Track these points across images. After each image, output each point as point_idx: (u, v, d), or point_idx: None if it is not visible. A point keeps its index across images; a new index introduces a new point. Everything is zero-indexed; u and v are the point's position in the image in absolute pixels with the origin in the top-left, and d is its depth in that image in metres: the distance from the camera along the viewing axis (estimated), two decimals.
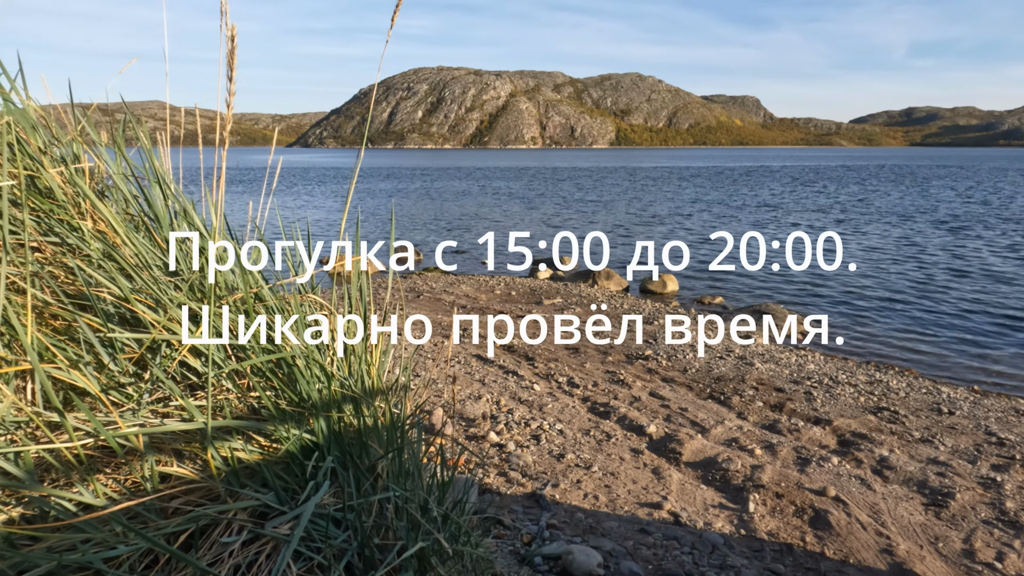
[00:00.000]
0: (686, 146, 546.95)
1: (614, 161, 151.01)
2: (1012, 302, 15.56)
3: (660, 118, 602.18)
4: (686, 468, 5.75)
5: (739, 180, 71.24)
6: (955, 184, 64.21)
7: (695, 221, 32.36)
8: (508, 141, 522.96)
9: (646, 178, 75.55)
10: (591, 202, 43.51)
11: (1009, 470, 6.22)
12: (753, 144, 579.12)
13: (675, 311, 13.78)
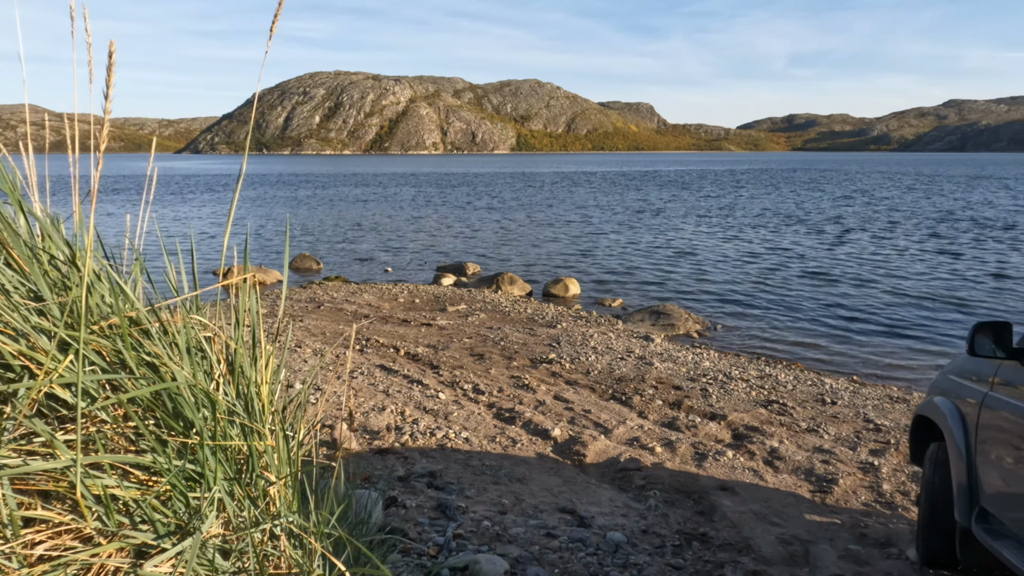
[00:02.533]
0: (585, 151, 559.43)
1: (516, 166, 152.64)
2: (886, 297, 16.73)
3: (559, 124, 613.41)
4: (591, 469, 5.85)
5: (634, 185, 73.45)
6: (829, 188, 68.50)
7: (595, 225, 33.10)
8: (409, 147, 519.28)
9: (547, 183, 76.72)
10: (494, 208, 43.78)
11: (885, 454, 6.67)
12: (648, 149, 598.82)
13: (577, 314, 14.03)
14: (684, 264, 21.50)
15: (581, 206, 44.54)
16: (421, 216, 37.81)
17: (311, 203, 47.82)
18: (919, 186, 68.02)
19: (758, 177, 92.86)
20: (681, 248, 25.09)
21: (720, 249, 24.88)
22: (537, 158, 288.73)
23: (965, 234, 29.00)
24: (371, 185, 72.16)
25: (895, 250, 24.31)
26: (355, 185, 72.25)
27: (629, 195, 55.53)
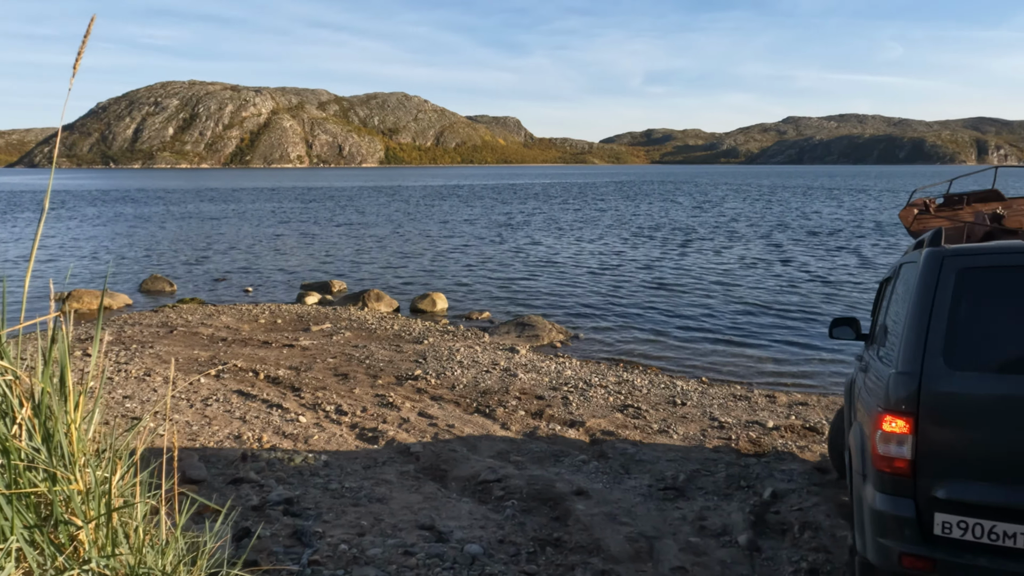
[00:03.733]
0: (455, 164, 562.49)
1: (384, 180, 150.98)
2: (730, 303, 17.95)
3: (428, 137, 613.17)
4: (452, 484, 5.93)
5: (501, 198, 74.66)
6: (683, 199, 72.66)
7: (463, 239, 33.37)
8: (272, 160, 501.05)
9: (415, 197, 76.47)
10: (361, 224, 43.14)
11: (724, 451, 7.19)
12: (516, 162, 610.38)
13: (445, 329, 14.11)
14: (548, 275, 22.11)
15: (449, 220, 44.75)
16: (284, 233, 36.63)
17: (163, 220, 45.13)
18: (761, 197, 73.50)
19: (619, 189, 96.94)
20: (545, 260, 25.79)
21: (582, 260, 25.79)
22: (406, 171, 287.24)
23: (797, 242, 31.63)
24: (230, 201, 69.04)
25: (737, 258, 26.17)
26: (213, 201, 68.87)
27: (496, 208, 56.38)
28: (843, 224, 39.87)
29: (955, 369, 3.43)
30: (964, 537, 3.32)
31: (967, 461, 3.37)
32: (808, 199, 68.05)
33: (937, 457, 3.41)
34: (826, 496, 5.95)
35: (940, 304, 3.54)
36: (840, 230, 36.24)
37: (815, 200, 66.20)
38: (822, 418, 8.84)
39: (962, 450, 3.39)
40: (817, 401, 9.92)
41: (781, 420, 8.63)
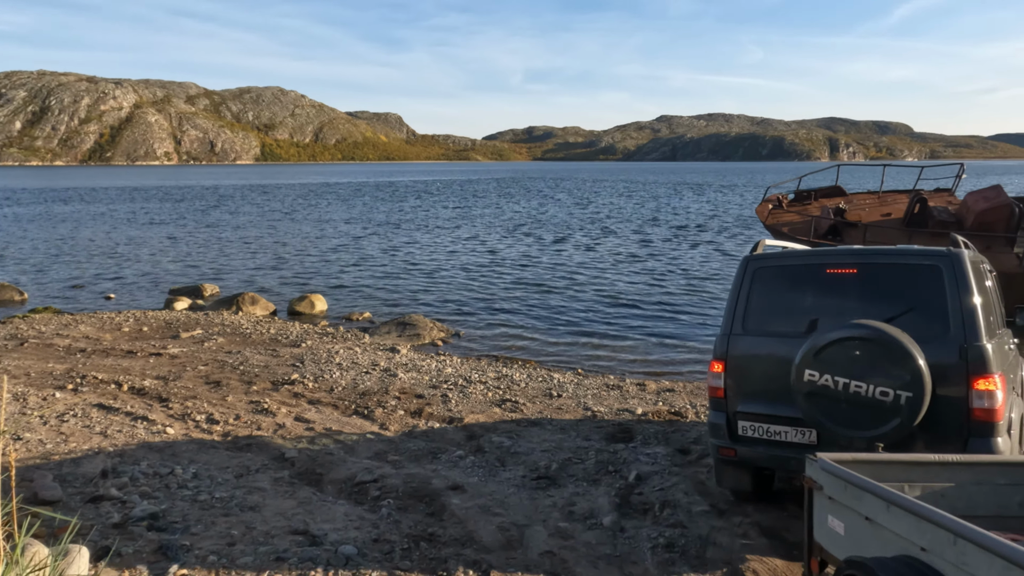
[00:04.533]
0: (335, 161, 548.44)
1: (259, 178, 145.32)
2: (607, 295, 18.67)
3: (306, 133, 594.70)
4: (328, 487, 5.92)
5: (382, 195, 73.80)
6: (563, 196, 74.46)
7: (342, 238, 32.78)
8: (137, 157, 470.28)
9: (292, 195, 74.21)
10: (234, 224, 41.47)
11: (594, 438, 7.56)
12: (399, 159, 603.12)
13: (324, 331, 13.88)
14: (429, 274, 22.15)
15: (327, 219, 43.79)
16: (149, 235, 34.65)
17: (10, 223, 41.54)
18: (635, 193, 76.51)
19: (501, 187, 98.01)
20: (427, 258, 25.81)
21: (463, 258, 25.99)
22: (283, 169, 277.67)
23: (666, 238, 33.24)
24: (89, 201, 64.42)
25: (610, 253, 27.24)
26: (68, 201, 64.01)
27: (377, 207, 55.69)
28: (708, 219, 42.22)
29: (747, 333, 5.34)
30: (753, 435, 5.18)
31: (752, 389, 5.25)
32: (678, 195, 71.48)
33: (736, 387, 5.32)
34: (686, 475, 6.40)
35: (743, 291, 5.43)
36: (705, 225, 38.37)
37: (684, 196, 69.62)
38: (687, 403, 9.42)
39: (749, 382, 5.27)
40: (683, 387, 10.54)
41: (649, 407, 9.13)
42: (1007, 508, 3.71)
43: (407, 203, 59.92)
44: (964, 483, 3.74)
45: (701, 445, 7.42)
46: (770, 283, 5.35)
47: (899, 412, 4.47)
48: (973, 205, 16.53)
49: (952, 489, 3.71)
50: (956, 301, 4.70)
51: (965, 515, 3.30)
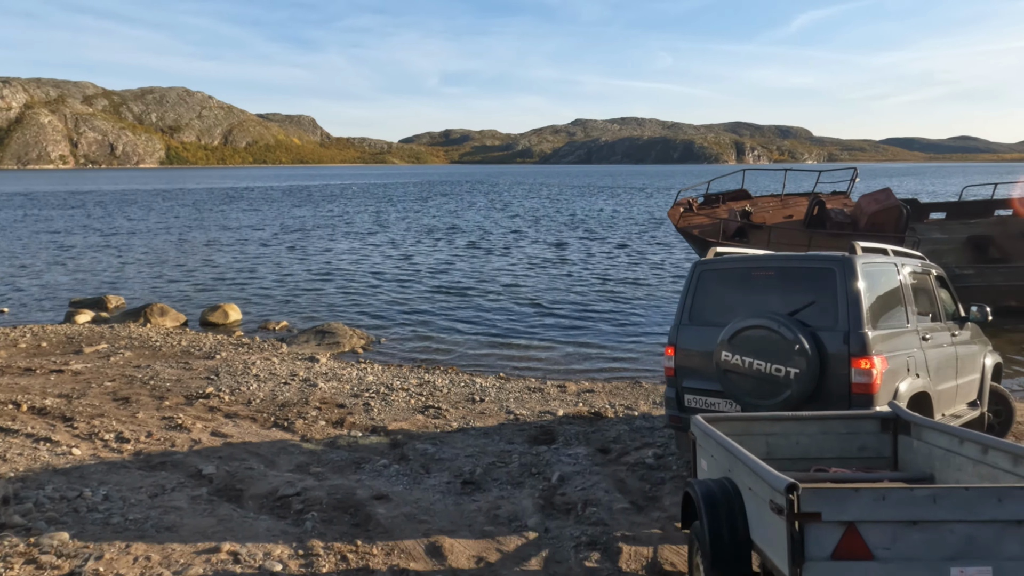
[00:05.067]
0: (245, 164, 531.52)
1: (164, 182, 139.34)
2: (526, 299, 18.89)
3: (215, 136, 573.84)
4: (249, 503, 5.81)
5: (296, 200, 72.18)
6: (479, 198, 74.74)
7: (255, 245, 31.91)
8: (28, 160, 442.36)
9: (200, 200, 71.62)
10: (139, 232, 39.71)
11: (517, 441, 7.68)
12: (313, 162, 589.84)
13: (239, 341, 13.51)
14: (348, 281, 21.85)
15: (239, 225, 42.51)
16: (44, 244, 32.75)
17: None
18: (551, 196, 77.59)
19: (418, 190, 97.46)
20: (344, 265, 25.44)
21: (382, 264, 25.77)
22: (190, 172, 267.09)
23: (582, 241, 33.89)
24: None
25: (527, 257, 27.61)
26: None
27: (290, 212, 54.42)
28: (622, 222, 43.29)
29: (692, 324, 6.53)
30: (695, 406, 6.34)
31: (694, 368, 6.42)
32: (594, 198, 72.91)
33: (683, 367, 6.52)
34: (606, 474, 6.60)
35: (691, 289, 6.60)
36: (619, 228, 39.32)
37: (599, 199, 71.10)
38: (606, 403, 9.68)
39: (692, 363, 6.44)
40: (602, 388, 10.82)
41: (570, 408, 9.33)
42: (848, 451, 4.89)
43: (322, 208, 58.78)
44: (814, 433, 4.87)
45: (621, 444, 7.66)
46: (711, 283, 6.54)
47: (790, 385, 5.64)
48: (866, 207, 17.63)
49: (805, 438, 4.85)
50: (844, 297, 5.72)
51: (817, 457, 4.76)
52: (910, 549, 3.12)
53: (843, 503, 3.14)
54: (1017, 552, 3.08)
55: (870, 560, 3.11)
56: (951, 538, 3.10)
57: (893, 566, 3.10)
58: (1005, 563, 3.07)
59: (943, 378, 6.51)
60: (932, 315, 6.76)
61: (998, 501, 3.10)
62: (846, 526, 3.12)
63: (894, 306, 6.16)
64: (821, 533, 3.13)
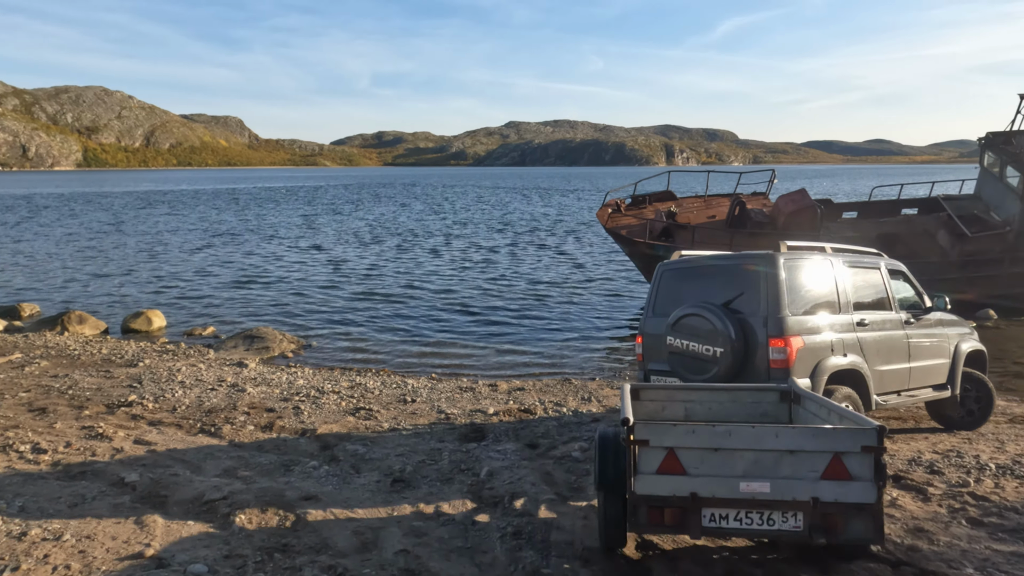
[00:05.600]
0: (169, 167, 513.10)
1: (81, 185, 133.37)
2: (457, 300, 18.99)
3: (136, 137, 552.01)
4: (174, 509, 5.74)
5: (221, 203, 70.33)
6: (412, 201, 74.37)
7: (179, 249, 31.01)
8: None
9: (120, 204, 68.99)
10: (55, 237, 38.03)
11: (448, 439, 7.80)
12: (241, 164, 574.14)
13: (164, 348, 13.18)
14: (277, 285, 21.51)
15: (162, 229, 41.21)
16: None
17: None
18: (485, 199, 77.83)
19: (349, 193, 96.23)
20: (273, 268, 25.02)
21: (311, 267, 25.45)
22: (109, 175, 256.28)
23: (514, 243, 34.22)
24: None
25: (459, 259, 27.74)
26: None
27: (217, 215, 53.00)
28: (553, 224, 43.83)
29: (655, 316, 7.58)
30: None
31: (656, 353, 7.48)
32: (526, 200, 73.49)
33: (648, 352, 7.61)
34: (533, 468, 6.79)
35: (655, 286, 7.73)
36: (551, 230, 39.82)
37: (530, 201, 71.72)
38: (536, 400, 9.89)
39: (654, 348, 7.50)
40: (533, 385, 11.03)
41: (501, 406, 9.49)
42: (752, 416, 5.90)
43: (250, 211, 57.43)
44: (724, 401, 5.91)
45: (549, 439, 7.86)
46: (670, 280, 7.61)
47: (716, 363, 6.75)
48: (783, 207, 18.43)
49: (717, 404, 5.89)
50: (765, 288, 6.75)
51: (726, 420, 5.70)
52: (712, 468, 4.31)
53: (664, 434, 4.36)
54: (789, 473, 4.27)
55: (683, 475, 4.34)
56: (741, 462, 4.29)
57: (699, 480, 4.33)
58: (779, 481, 4.26)
59: (888, 360, 7.36)
60: (878, 305, 7.54)
61: (775, 436, 4.27)
62: (667, 450, 4.36)
63: (822, 296, 7.02)
64: (649, 455, 4.37)
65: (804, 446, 4.22)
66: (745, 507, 4.27)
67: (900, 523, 5.33)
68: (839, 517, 4.17)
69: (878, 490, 4.13)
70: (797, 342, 6.56)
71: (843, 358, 6.88)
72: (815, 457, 4.21)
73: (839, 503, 4.16)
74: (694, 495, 4.30)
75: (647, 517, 4.38)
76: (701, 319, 6.80)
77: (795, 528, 4.24)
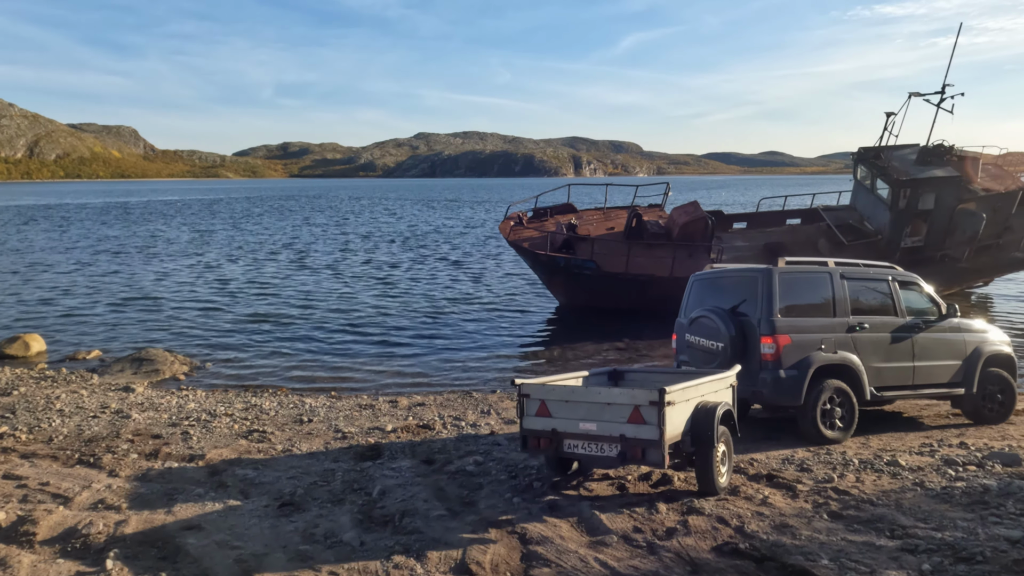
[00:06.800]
0: (56, 179, 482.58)
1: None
2: (359, 316, 18.78)
3: (17, 147, 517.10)
4: (41, 547, 5.45)
5: (108, 219, 66.91)
6: (315, 215, 72.94)
7: (59, 270, 29.28)
8: None
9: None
10: None
11: (343, 459, 7.72)
12: (136, 176, 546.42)
13: (42, 375, 12.44)
14: (168, 304, 20.66)
15: (43, 247, 38.80)
16: None
17: None
18: (391, 212, 77.16)
19: (251, 206, 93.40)
20: (164, 287, 24.02)
21: (204, 285, 24.57)
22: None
23: (417, 260, 34.10)
24: None
25: (359, 273, 27.51)
26: None
27: (103, 231, 50.34)
28: (456, 236, 43.98)
29: (685, 317, 9.04)
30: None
31: (684, 348, 9.02)
32: (431, 212, 73.40)
33: (679, 347, 9.22)
34: (427, 484, 6.82)
35: (687, 293, 9.23)
36: (452, 242, 39.95)
37: (437, 213, 71.67)
38: (435, 415, 9.91)
39: (683, 344, 9.03)
40: (434, 400, 11.05)
41: (400, 422, 9.47)
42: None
43: (141, 226, 54.82)
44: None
45: (445, 454, 7.91)
46: (699, 288, 9.10)
47: (719, 356, 8.18)
48: (677, 219, 19.18)
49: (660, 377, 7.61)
50: (760, 295, 8.21)
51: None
52: (564, 413, 6.28)
53: (538, 391, 6.46)
54: (608, 418, 6.06)
55: (549, 417, 6.35)
56: (580, 409, 6.21)
57: (558, 420, 6.31)
58: (602, 423, 6.08)
59: (887, 359, 8.54)
60: (882, 310, 8.72)
61: (599, 394, 6.21)
62: (540, 401, 6.41)
63: (817, 302, 8.40)
64: (530, 404, 6.46)
65: (616, 400, 6.07)
66: (583, 439, 6.19)
67: (768, 520, 5.67)
68: (639, 448, 5.92)
69: (660, 431, 5.81)
70: (784, 339, 8.00)
71: (832, 354, 8.16)
72: (623, 408, 6.01)
73: (637, 439, 5.92)
74: (554, 430, 6.30)
75: (530, 443, 6.42)
76: (709, 320, 8.32)
77: (612, 455, 6.06)
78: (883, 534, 5.31)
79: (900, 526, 5.43)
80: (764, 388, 8.05)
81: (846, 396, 8.15)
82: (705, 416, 6.17)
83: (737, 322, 8.17)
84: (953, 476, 6.72)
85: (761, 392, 8.11)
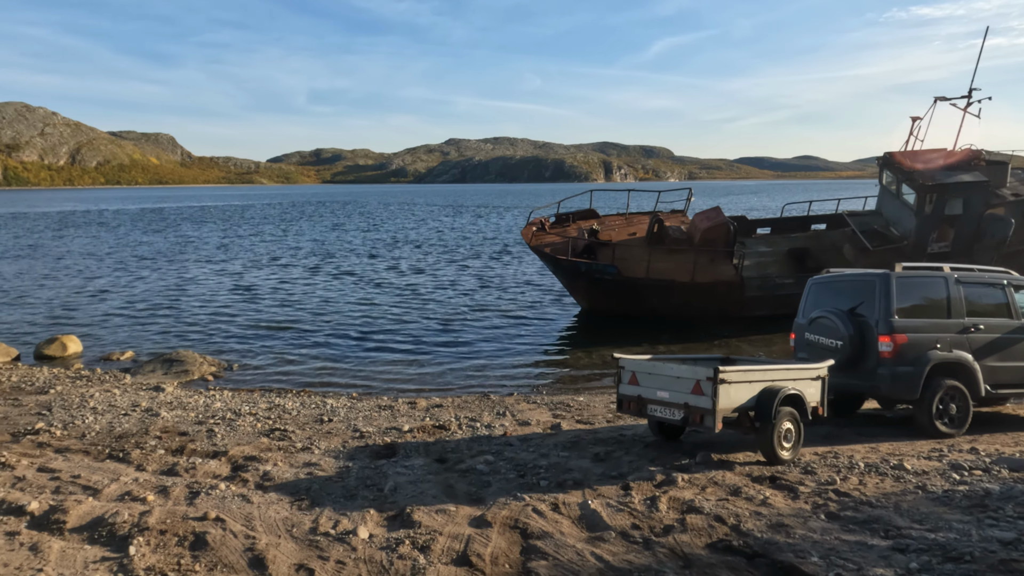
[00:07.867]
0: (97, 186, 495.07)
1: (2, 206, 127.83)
2: (386, 319, 19.11)
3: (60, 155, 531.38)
4: (71, 535, 5.79)
5: (147, 224, 68.53)
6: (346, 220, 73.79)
7: (98, 273, 30.19)
8: None
9: (40, 225, 66.48)
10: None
11: (357, 457, 7.99)
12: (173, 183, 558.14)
13: (78, 374, 12.96)
14: (200, 307, 21.22)
15: (82, 251, 39.98)
16: None
17: None
18: (423, 217, 77.80)
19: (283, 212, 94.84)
20: (197, 291, 24.66)
21: (235, 289, 25.14)
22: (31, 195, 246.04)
23: (446, 264, 34.40)
24: None
25: (388, 278, 27.83)
26: None
27: (142, 236, 51.61)
28: (482, 242, 44.28)
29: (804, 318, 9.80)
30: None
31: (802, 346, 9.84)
32: (463, 218, 73.86)
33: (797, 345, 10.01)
34: (437, 481, 7.04)
35: (806, 295, 9.99)
36: (479, 247, 40.25)
37: (465, 218, 72.12)
38: (452, 416, 10.15)
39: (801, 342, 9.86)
40: (451, 402, 11.29)
41: (416, 423, 9.72)
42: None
43: (177, 231, 56.11)
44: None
45: (458, 453, 8.13)
46: (816, 291, 9.80)
47: (837, 352, 8.84)
48: (699, 224, 19.21)
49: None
50: (878, 298, 8.79)
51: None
52: (648, 383, 7.82)
53: (630, 365, 8.07)
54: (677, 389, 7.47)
55: (638, 385, 7.91)
56: (660, 380, 7.68)
57: (642, 388, 7.87)
58: (672, 392, 7.49)
59: (1003, 358, 9.01)
60: (997, 312, 9.16)
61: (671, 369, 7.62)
62: (632, 372, 7.99)
63: (932, 304, 8.91)
64: (624, 375, 8.07)
65: (683, 375, 7.42)
66: (659, 404, 7.65)
67: (764, 519, 5.79)
68: (698, 414, 7.22)
69: (714, 402, 7.06)
70: (901, 338, 8.58)
71: (947, 353, 8.67)
72: (688, 382, 7.36)
73: (697, 407, 7.22)
74: (639, 396, 7.89)
75: (624, 407, 8.09)
76: (828, 320, 9.06)
77: (678, 418, 7.44)
78: (877, 534, 5.40)
79: (895, 527, 5.51)
80: (882, 384, 8.66)
81: (960, 393, 8.65)
82: (768, 397, 7.30)
83: (856, 322, 8.82)
84: (957, 480, 6.76)
85: (879, 387, 8.74)
